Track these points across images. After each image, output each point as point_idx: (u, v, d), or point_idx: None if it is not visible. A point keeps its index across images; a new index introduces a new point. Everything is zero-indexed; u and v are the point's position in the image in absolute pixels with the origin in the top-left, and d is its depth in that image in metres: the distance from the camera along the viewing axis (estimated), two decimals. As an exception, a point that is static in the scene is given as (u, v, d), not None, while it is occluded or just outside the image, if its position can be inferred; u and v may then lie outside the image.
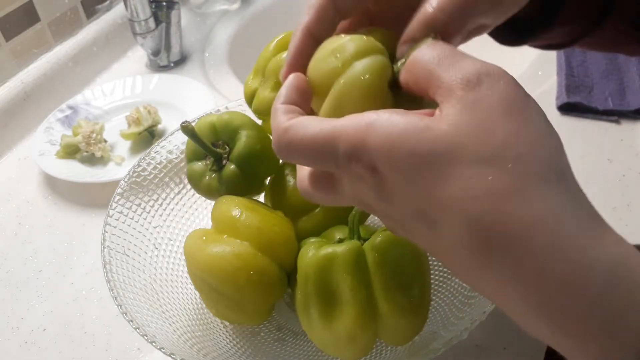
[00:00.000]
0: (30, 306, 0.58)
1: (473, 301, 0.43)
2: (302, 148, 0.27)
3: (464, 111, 0.23)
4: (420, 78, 0.26)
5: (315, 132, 0.26)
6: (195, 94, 0.80)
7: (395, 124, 0.24)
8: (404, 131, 0.24)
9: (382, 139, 0.24)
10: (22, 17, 0.81)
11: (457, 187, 0.22)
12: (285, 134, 0.27)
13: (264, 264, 0.42)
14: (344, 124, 0.25)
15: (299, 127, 0.27)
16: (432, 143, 0.23)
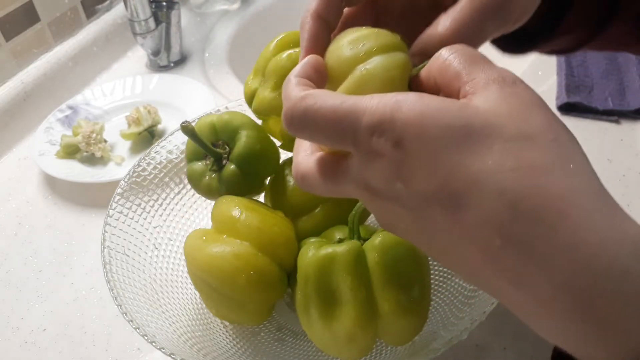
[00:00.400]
0: (30, 306, 0.58)
1: (473, 301, 0.43)
2: (320, 119, 0.25)
3: (502, 99, 0.24)
4: (448, 72, 0.26)
5: (336, 104, 0.25)
6: (195, 94, 0.80)
7: (430, 101, 0.24)
8: (440, 107, 0.23)
9: (415, 113, 0.23)
10: (22, 17, 0.81)
11: (494, 160, 0.22)
12: (300, 102, 0.26)
13: (264, 264, 0.42)
14: (369, 99, 0.25)
15: (318, 97, 0.26)
16: (470, 118, 0.23)
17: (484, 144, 0.22)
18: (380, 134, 0.24)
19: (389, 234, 0.40)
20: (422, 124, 0.23)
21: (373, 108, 0.24)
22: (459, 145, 0.23)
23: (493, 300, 0.39)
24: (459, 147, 0.23)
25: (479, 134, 0.23)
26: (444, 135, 0.23)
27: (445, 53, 0.26)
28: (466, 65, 0.25)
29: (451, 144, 0.23)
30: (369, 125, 0.24)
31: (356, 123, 0.25)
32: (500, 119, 0.23)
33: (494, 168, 0.22)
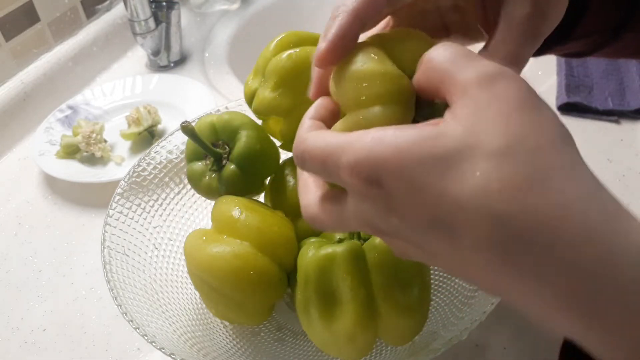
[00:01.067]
0: (30, 306, 0.58)
1: (473, 301, 0.43)
2: (312, 157, 0.27)
3: (478, 110, 0.23)
4: (433, 78, 0.26)
5: (325, 144, 0.26)
6: (195, 94, 0.80)
7: (406, 135, 0.23)
8: (416, 140, 0.23)
9: (391, 150, 0.23)
10: (22, 17, 0.81)
11: (477, 184, 0.22)
12: (301, 143, 0.28)
13: (264, 264, 0.42)
14: (352, 137, 0.25)
15: (314, 138, 0.27)
16: (446, 146, 0.23)
17: (465, 169, 0.22)
18: (359, 174, 0.24)
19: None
20: (399, 160, 0.23)
21: (353, 147, 0.25)
22: (442, 175, 0.22)
23: (493, 300, 0.39)
24: (442, 177, 0.22)
25: (457, 159, 0.22)
26: (424, 169, 0.23)
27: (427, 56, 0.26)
28: (446, 68, 0.25)
29: (434, 175, 0.23)
30: (348, 165, 0.25)
31: (337, 162, 0.25)
32: (477, 137, 0.22)
33: (480, 192, 0.22)
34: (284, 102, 0.44)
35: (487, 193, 0.22)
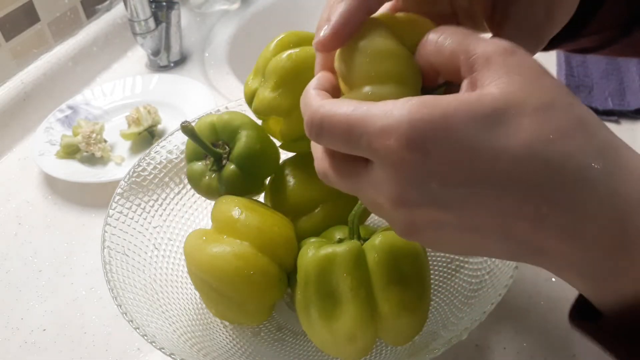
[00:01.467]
0: (30, 306, 0.58)
1: (473, 301, 0.43)
2: (333, 125, 0.26)
3: (511, 72, 0.24)
4: (443, 55, 0.26)
5: (349, 111, 0.25)
6: (195, 94, 0.80)
7: (447, 99, 0.24)
8: (459, 103, 0.24)
9: (437, 112, 0.23)
10: (22, 17, 0.81)
11: (529, 135, 0.23)
12: (318, 110, 0.27)
13: (264, 264, 0.42)
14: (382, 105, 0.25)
15: (332, 105, 0.26)
16: (491, 105, 0.23)
17: (513, 123, 0.23)
18: (400, 140, 0.24)
19: (389, 234, 0.40)
20: (447, 122, 0.23)
21: (388, 113, 0.24)
22: (491, 132, 0.23)
23: (493, 300, 0.39)
24: (491, 135, 0.23)
25: (506, 116, 0.23)
26: (474, 129, 0.23)
27: (434, 36, 0.27)
28: (460, 42, 0.26)
29: (483, 134, 0.23)
30: (384, 130, 0.24)
31: (369, 129, 0.25)
32: (518, 94, 0.24)
33: (530, 142, 0.23)
34: (284, 102, 0.44)
35: (541, 143, 0.23)
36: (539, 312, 0.50)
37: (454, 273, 0.49)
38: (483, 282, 0.44)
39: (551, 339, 0.48)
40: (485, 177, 0.24)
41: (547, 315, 0.50)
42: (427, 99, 0.24)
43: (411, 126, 0.23)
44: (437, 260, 0.51)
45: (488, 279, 0.44)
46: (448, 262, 0.50)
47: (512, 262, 0.42)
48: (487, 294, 0.42)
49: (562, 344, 0.48)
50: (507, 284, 0.40)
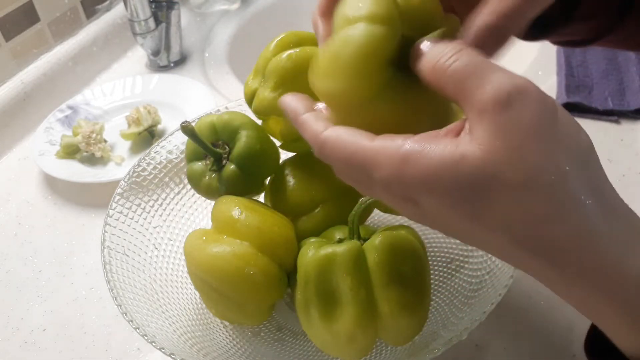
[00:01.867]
0: (30, 306, 0.58)
1: (473, 301, 0.43)
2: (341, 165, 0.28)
3: (496, 135, 0.24)
4: (447, 87, 0.26)
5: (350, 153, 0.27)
6: (195, 94, 0.80)
7: (431, 157, 0.25)
8: (441, 163, 0.25)
9: (420, 173, 0.25)
10: (22, 17, 0.81)
11: (499, 213, 0.24)
12: (322, 149, 0.29)
13: (264, 264, 0.42)
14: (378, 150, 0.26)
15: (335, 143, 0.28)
16: (470, 174, 0.24)
17: (488, 198, 0.24)
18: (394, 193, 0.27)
19: (389, 234, 0.40)
20: (428, 183, 0.25)
21: (383, 164, 0.26)
22: (467, 202, 0.25)
23: (493, 300, 0.39)
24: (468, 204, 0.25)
25: (481, 190, 0.24)
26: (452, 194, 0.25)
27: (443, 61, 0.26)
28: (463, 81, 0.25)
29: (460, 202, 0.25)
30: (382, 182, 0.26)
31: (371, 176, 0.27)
32: (497, 166, 0.24)
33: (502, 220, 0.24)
34: (284, 102, 0.44)
35: (510, 223, 0.24)
36: (539, 312, 0.50)
37: (454, 273, 0.49)
38: (483, 282, 0.44)
39: (551, 339, 0.48)
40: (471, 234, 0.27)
41: (547, 315, 0.50)
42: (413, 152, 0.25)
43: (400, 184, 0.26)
44: (437, 260, 0.51)
45: (488, 279, 0.44)
46: (448, 262, 0.50)
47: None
48: (487, 294, 0.42)
49: (562, 344, 0.48)
50: (507, 284, 0.40)
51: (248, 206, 0.44)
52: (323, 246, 0.40)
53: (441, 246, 0.52)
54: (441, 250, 0.52)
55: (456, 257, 0.50)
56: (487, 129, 0.24)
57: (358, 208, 0.41)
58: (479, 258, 0.47)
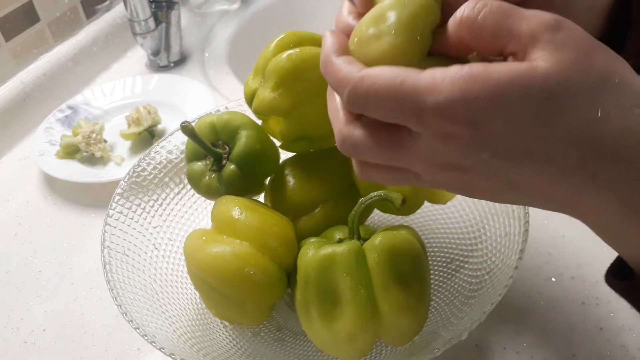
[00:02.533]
0: (30, 306, 0.58)
1: (473, 301, 0.43)
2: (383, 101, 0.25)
3: (559, 48, 0.24)
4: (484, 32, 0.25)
5: (396, 84, 0.25)
6: (195, 94, 0.80)
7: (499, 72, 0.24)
8: (511, 77, 0.24)
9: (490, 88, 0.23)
10: (22, 17, 0.81)
11: (577, 117, 0.24)
12: (361, 82, 0.26)
13: (264, 264, 0.42)
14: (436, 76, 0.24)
15: (377, 75, 0.26)
16: (544, 81, 0.24)
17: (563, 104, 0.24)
18: (453, 116, 0.24)
19: (389, 234, 0.40)
20: (499, 99, 0.24)
21: (438, 87, 0.24)
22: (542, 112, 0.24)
23: (493, 300, 0.39)
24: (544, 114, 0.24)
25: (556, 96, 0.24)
26: (525, 105, 0.24)
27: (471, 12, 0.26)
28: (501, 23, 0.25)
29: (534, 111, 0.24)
30: (437, 106, 0.24)
31: (419, 104, 0.24)
32: (569, 72, 0.24)
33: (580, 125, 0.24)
34: (284, 102, 0.44)
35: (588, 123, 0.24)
36: (539, 312, 0.50)
37: (454, 273, 0.49)
38: (483, 282, 0.44)
39: (551, 339, 0.48)
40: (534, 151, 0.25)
41: (547, 315, 0.50)
42: (477, 71, 0.24)
43: (464, 104, 0.24)
44: (437, 260, 0.51)
45: (488, 279, 0.44)
46: (448, 262, 0.50)
47: (512, 262, 0.42)
48: (487, 294, 0.42)
49: (562, 344, 0.48)
50: (507, 284, 0.40)
51: (248, 206, 0.44)
52: (323, 246, 0.40)
53: (441, 246, 0.52)
54: (441, 250, 0.52)
55: (456, 257, 0.50)
56: (547, 47, 0.24)
57: (358, 208, 0.41)
58: (479, 258, 0.47)
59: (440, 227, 0.54)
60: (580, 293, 0.51)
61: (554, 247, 0.55)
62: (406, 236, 0.40)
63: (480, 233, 0.49)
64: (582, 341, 0.48)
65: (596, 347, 0.47)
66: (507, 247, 0.44)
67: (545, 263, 0.54)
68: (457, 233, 0.52)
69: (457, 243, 0.51)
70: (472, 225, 0.51)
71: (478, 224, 0.50)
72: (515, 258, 0.42)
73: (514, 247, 0.43)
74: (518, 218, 0.44)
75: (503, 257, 0.44)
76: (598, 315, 0.49)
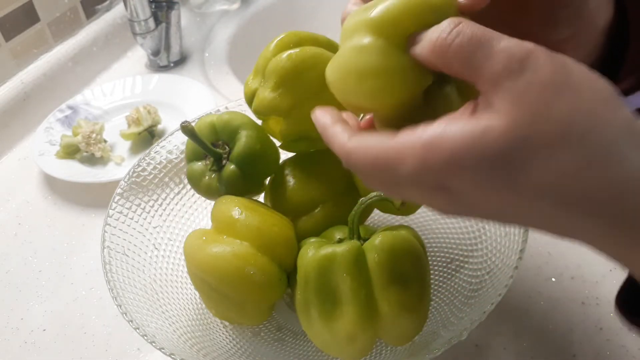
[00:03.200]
0: (30, 306, 0.58)
1: (473, 301, 0.43)
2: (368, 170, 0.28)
3: (517, 101, 0.23)
4: (454, 65, 0.25)
5: (374, 156, 0.27)
6: (195, 94, 0.80)
7: (454, 136, 0.24)
8: (464, 140, 0.24)
9: (445, 156, 0.24)
10: (22, 17, 0.81)
11: (536, 176, 0.23)
12: (348, 160, 0.28)
13: (263, 264, 0.42)
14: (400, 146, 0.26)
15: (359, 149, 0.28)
16: (498, 144, 0.23)
17: (522, 165, 0.23)
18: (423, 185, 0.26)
19: (389, 234, 0.40)
20: (457, 163, 0.24)
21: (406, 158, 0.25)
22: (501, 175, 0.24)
23: (493, 300, 0.39)
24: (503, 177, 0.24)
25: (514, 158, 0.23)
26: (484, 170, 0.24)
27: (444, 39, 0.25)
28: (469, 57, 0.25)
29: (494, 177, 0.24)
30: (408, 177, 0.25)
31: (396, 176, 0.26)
32: (524, 131, 0.23)
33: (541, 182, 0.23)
34: (284, 102, 0.44)
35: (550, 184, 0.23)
36: (539, 312, 0.50)
37: (454, 273, 0.49)
38: (483, 282, 0.44)
39: (551, 339, 0.48)
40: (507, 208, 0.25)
41: (547, 315, 0.50)
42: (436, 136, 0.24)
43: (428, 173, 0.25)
44: (437, 260, 0.51)
45: (488, 279, 0.44)
46: (448, 262, 0.50)
47: (512, 262, 0.42)
48: (487, 294, 0.42)
49: (562, 344, 0.48)
50: (507, 284, 0.40)
51: (248, 206, 0.44)
52: (323, 246, 0.40)
53: (441, 246, 0.52)
54: (441, 250, 0.52)
55: (456, 257, 0.50)
56: (505, 97, 0.23)
57: (358, 208, 0.41)
58: (479, 258, 0.47)
59: (440, 227, 0.54)
60: (580, 293, 0.51)
61: (554, 247, 0.55)
62: (406, 236, 0.40)
63: (480, 233, 0.49)
64: (582, 341, 0.48)
65: (596, 347, 0.47)
66: (507, 247, 0.44)
67: (545, 263, 0.54)
68: (457, 233, 0.52)
69: (457, 243, 0.51)
70: (472, 225, 0.51)
71: (478, 224, 0.50)
72: (515, 258, 0.42)
73: (514, 247, 0.43)
74: (518, 218, 0.44)
75: (503, 257, 0.44)
76: (598, 315, 0.49)
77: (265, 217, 0.44)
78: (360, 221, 0.44)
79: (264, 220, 0.43)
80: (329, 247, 0.40)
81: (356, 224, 0.41)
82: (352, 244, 0.39)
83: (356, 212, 0.41)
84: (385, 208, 0.49)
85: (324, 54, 0.44)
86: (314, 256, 0.40)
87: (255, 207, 0.45)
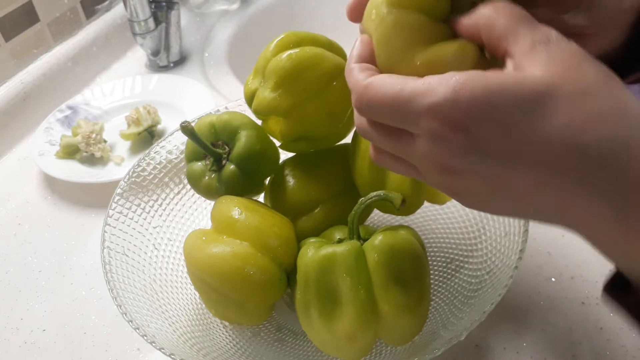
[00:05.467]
0: (30, 306, 0.58)
1: (473, 301, 0.43)
2: (382, 104, 0.28)
3: (552, 59, 0.25)
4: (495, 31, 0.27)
5: (398, 89, 0.27)
6: (194, 94, 0.80)
7: (491, 79, 0.25)
8: (501, 83, 0.25)
9: (479, 93, 0.25)
10: (21, 17, 0.81)
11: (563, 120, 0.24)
12: (365, 91, 0.28)
13: (263, 264, 0.42)
14: (433, 81, 0.26)
15: (379, 84, 0.28)
16: (533, 86, 0.25)
17: (550, 107, 0.24)
18: (445, 119, 0.26)
19: (389, 234, 0.40)
20: (489, 104, 0.25)
21: (433, 91, 0.26)
22: (530, 114, 0.25)
23: (493, 300, 0.39)
24: (529, 117, 0.25)
25: (545, 100, 0.25)
26: (514, 110, 0.25)
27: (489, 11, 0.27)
28: (510, 26, 0.26)
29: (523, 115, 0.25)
30: (430, 109, 0.26)
31: (416, 108, 0.26)
32: (559, 79, 0.25)
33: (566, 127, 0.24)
34: (283, 102, 0.44)
35: (574, 127, 0.24)
36: (539, 312, 0.50)
37: (454, 273, 0.49)
38: (483, 282, 0.44)
39: (551, 339, 0.48)
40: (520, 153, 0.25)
41: (547, 315, 0.50)
42: (471, 76, 0.25)
43: (455, 107, 0.25)
44: (437, 260, 0.51)
45: (488, 279, 0.44)
46: (448, 262, 0.50)
47: (511, 262, 0.42)
48: (487, 294, 0.42)
49: (562, 344, 0.48)
50: (507, 284, 0.40)
51: (248, 206, 0.44)
52: (323, 246, 0.40)
53: (441, 246, 0.52)
54: (441, 250, 0.52)
55: (456, 257, 0.50)
56: (542, 56, 0.25)
57: (358, 208, 0.41)
58: (478, 258, 0.47)
59: (440, 227, 0.54)
60: (580, 293, 0.51)
61: (554, 247, 0.55)
62: (406, 236, 0.40)
63: (480, 233, 0.49)
64: (582, 341, 0.48)
65: (596, 347, 0.47)
66: (507, 247, 0.44)
67: (545, 263, 0.54)
68: (457, 233, 0.52)
69: (457, 243, 0.51)
70: (472, 225, 0.51)
71: (478, 224, 0.50)
72: (515, 258, 0.42)
73: (514, 247, 0.43)
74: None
75: (503, 257, 0.44)
76: (598, 315, 0.49)
77: (265, 217, 0.44)
78: (360, 221, 0.44)
79: (264, 220, 0.43)
80: (328, 247, 0.40)
81: (356, 224, 0.41)
82: (352, 244, 0.39)
83: (356, 212, 0.41)
84: (385, 208, 0.49)
85: (324, 54, 0.44)
86: (313, 256, 0.40)
87: (255, 207, 0.45)
